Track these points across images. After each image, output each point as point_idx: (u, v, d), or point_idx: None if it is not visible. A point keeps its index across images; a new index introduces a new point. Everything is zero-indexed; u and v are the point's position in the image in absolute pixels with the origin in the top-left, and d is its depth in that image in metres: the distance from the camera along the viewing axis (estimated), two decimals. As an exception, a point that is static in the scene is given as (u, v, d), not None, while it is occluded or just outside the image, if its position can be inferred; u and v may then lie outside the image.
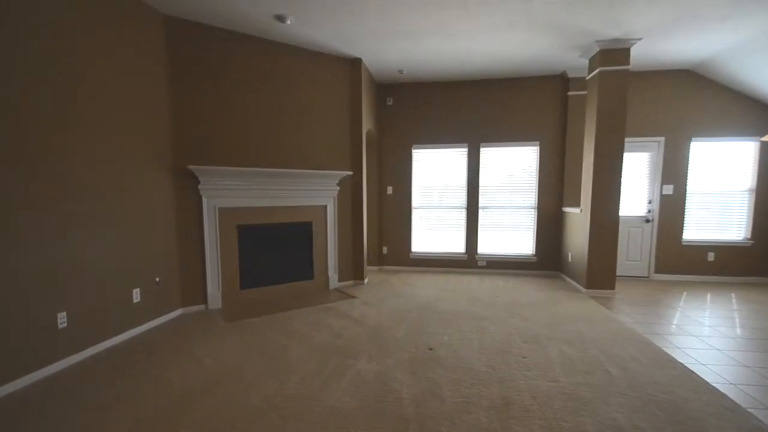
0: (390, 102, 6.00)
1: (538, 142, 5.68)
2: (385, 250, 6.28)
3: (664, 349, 3.07)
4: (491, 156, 5.85)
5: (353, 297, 4.59)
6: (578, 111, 5.44)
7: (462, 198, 5.98)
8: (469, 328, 3.52)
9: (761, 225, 5.21)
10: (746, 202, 5.26)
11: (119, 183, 3.26)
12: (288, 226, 4.60)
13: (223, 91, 4.10)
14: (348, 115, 4.99)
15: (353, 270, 5.25)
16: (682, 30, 4.00)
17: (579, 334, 3.36)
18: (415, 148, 6.02)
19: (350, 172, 4.91)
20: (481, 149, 5.83)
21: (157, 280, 3.69)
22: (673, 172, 5.37)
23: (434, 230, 6.19)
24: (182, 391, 2.46)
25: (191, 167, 3.84)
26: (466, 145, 5.86)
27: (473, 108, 5.81)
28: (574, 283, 5.06)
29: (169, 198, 3.84)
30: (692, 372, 2.65)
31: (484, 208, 5.94)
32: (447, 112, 5.87)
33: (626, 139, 5.16)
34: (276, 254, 4.58)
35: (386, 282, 5.39)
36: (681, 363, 2.80)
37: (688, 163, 5.33)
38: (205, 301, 4.14)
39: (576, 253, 5.04)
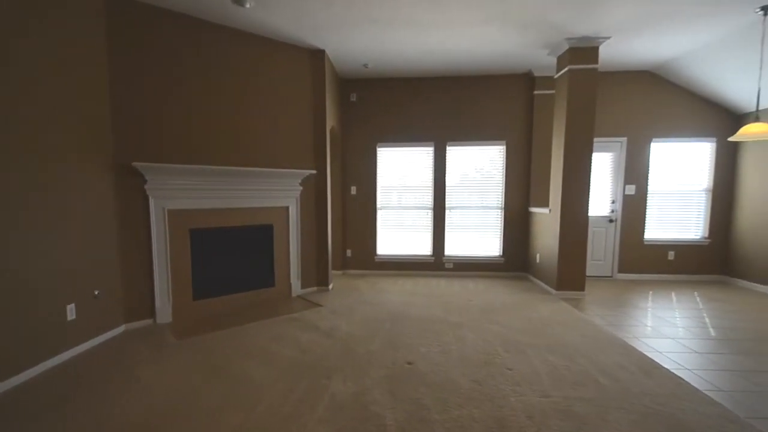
0: (354, 98, 5.65)
1: (504, 142, 5.57)
2: (349, 253, 5.92)
3: (647, 353, 2.96)
4: (457, 155, 5.67)
5: (319, 305, 4.19)
6: (544, 110, 5.38)
7: (428, 198, 5.75)
8: (447, 338, 3.25)
9: (717, 224, 5.41)
10: (703, 201, 5.45)
11: (45, 182, 2.68)
12: (247, 230, 4.13)
13: (173, 80, 3.59)
14: (311, 110, 4.59)
15: (317, 275, 4.85)
16: (648, 30, 4.00)
17: (560, 341, 3.19)
18: (380, 147, 5.72)
19: (314, 171, 4.51)
20: (448, 148, 5.64)
21: (96, 293, 3.12)
22: (635, 173, 5.46)
23: (400, 232, 5.91)
24: (125, 427, 1.97)
25: (136, 164, 3.30)
26: (432, 144, 5.63)
27: (439, 106, 5.60)
28: (544, 285, 4.98)
29: (110, 199, 3.27)
30: (680, 379, 2.54)
31: (450, 208, 5.75)
32: (413, 109, 5.62)
33: (593, 139, 5.17)
34: (234, 260, 4.08)
35: (352, 287, 5.03)
36: (667, 369, 2.68)
37: (648, 164, 5.44)
38: (152, 315, 3.58)
39: (545, 254, 4.96)
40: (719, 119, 5.30)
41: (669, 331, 3.46)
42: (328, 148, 4.78)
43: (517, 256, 5.71)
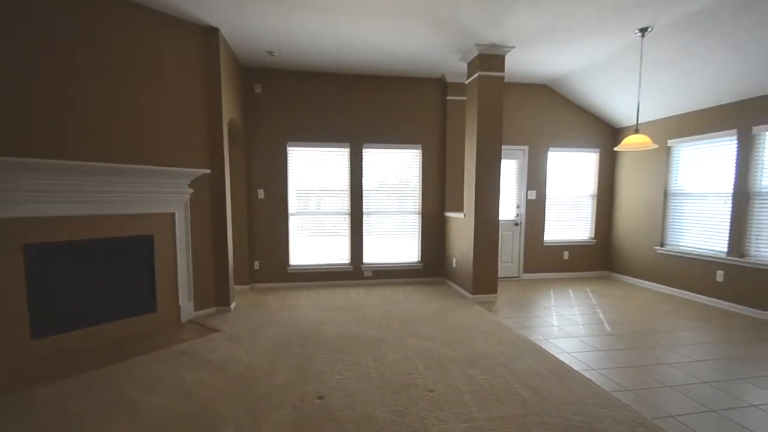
0: (259, 90, 5.08)
1: (420, 146, 5.51)
2: (257, 264, 5.30)
3: (558, 355, 3.02)
4: (374, 158, 5.46)
5: (215, 331, 3.56)
6: (456, 116, 5.45)
7: (345, 203, 5.43)
8: (364, 359, 2.94)
9: (601, 226, 6.03)
10: (590, 205, 6.04)
11: None
12: (119, 242, 3.32)
13: (20, 50, 2.68)
14: (203, 98, 3.93)
15: (215, 293, 4.18)
16: (546, 44, 4.22)
17: (479, 351, 3.10)
18: (291, 146, 5.23)
19: (207, 171, 3.85)
20: (364, 150, 5.39)
21: None
22: (535, 179, 5.82)
23: (315, 239, 5.49)
24: None
25: None
26: (348, 145, 5.33)
27: (356, 105, 5.33)
28: (460, 290, 4.99)
29: None
30: (591, 381, 2.58)
31: (368, 213, 5.51)
32: (327, 107, 5.26)
33: (500, 146, 5.37)
34: (99, 282, 3.24)
35: (260, 305, 4.45)
36: (577, 372, 2.73)
37: (546, 171, 5.84)
38: (-46, 367, 2.62)
39: (460, 258, 4.98)
40: (602, 132, 5.92)
41: (572, 330, 3.63)
42: (226, 145, 4.17)
43: (434, 261, 5.68)
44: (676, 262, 4.88)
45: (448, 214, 5.40)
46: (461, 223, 4.95)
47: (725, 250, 4.31)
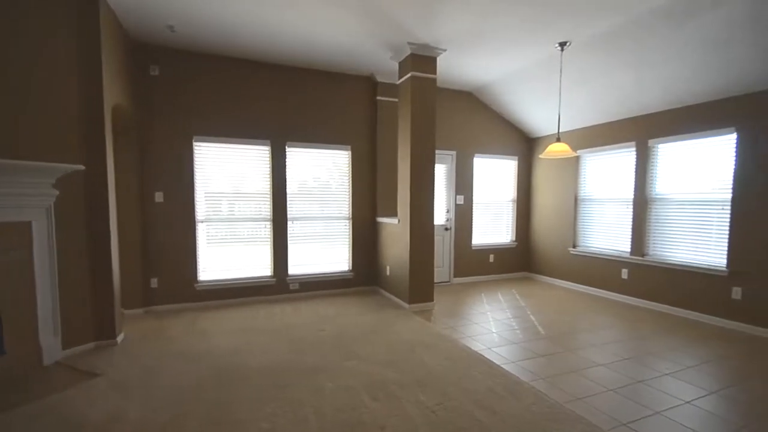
0: (156, 72, 4.23)
1: (349, 147, 5.16)
2: (155, 282, 4.39)
3: (505, 367, 2.90)
4: (299, 158, 4.95)
5: (93, 375, 2.74)
6: (387, 117, 5.21)
7: (266, 208, 4.81)
8: (299, 394, 2.46)
9: (521, 229, 6.32)
10: (511, 210, 6.29)
11: None
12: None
13: None
14: (76, 75, 3.06)
15: (95, 324, 3.28)
16: (474, 50, 4.22)
17: (426, 370, 2.84)
18: (199, 141, 4.47)
19: (80, 167, 2.99)
20: (288, 149, 4.85)
21: None
22: (463, 184, 5.87)
23: (231, 250, 4.76)
24: None
25: None
26: (269, 142, 4.74)
27: (278, 99, 4.77)
28: (396, 299, 4.74)
29: None
30: (544, 395, 2.48)
31: (293, 219, 4.97)
32: (245, 99, 4.61)
33: (431, 150, 5.27)
34: None
35: (159, 334, 3.64)
36: (528, 384, 2.62)
37: (473, 176, 5.93)
38: None
39: (395, 266, 4.74)
40: (520, 140, 6.23)
41: (511, 336, 3.59)
42: (110, 136, 3.33)
43: (366, 270, 5.34)
44: (588, 262, 5.28)
45: (381, 220, 5.13)
46: (395, 229, 4.71)
47: (628, 250, 4.74)
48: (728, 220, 3.78)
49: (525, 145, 6.27)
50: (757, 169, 3.58)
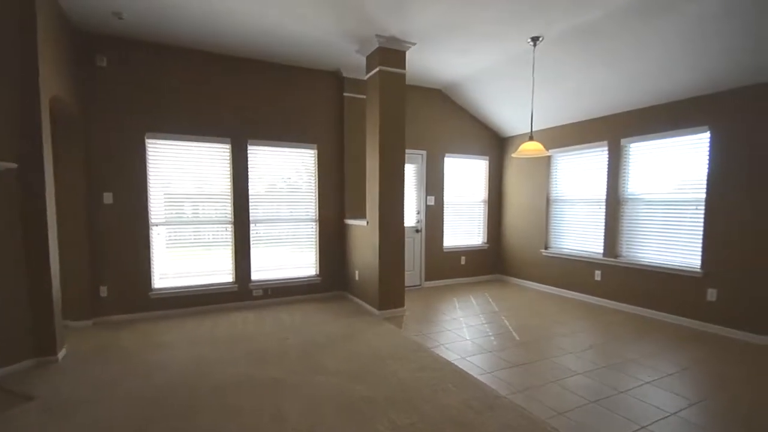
0: (103, 63, 3.86)
1: (315, 146, 4.91)
2: (104, 291, 4.01)
3: (480, 378, 2.75)
4: (263, 157, 4.66)
5: (27, 398, 2.39)
6: (354, 115, 4.99)
7: (227, 210, 4.50)
8: (260, 416, 2.21)
9: (493, 231, 6.26)
10: (482, 211, 6.22)
11: None
12: None
13: None
14: (7, 61, 2.70)
15: (33, 339, 2.90)
16: (444, 45, 4.08)
17: (398, 384, 2.65)
18: (152, 138, 4.11)
19: (12, 165, 2.64)
20: (250, 148, 4.55)
21: None
22: (434, 185, 5.73)
23: (188, 255, 4.43)
24: None
25: None
26: (229, 140, 4.43)
27: (239, 94, 4.46)
28: (365, 305, 4.53)
29: None
30: (523, 410, 2.32)
31: (256, 222, 4.67)
32: (202, 93, 4.28)
33: (403, 150, 5.10)
34: None
35: (107, 348, 3.29)
36: (505, 398, 2.47)
37: (443, 177, 5.82)
38: None
39: (364, 270, 4.53)
40: (491, 140, 6.17)
41: (485, 343, 3.46)
42: (48, 131, 2.96)
43: (334, 274, 5.11)
44: (560, 263, 5.27)
45: (349, 222, 4.92)
46: (364, 232, 4.51)
47: (601, 251, 4.75)
48: (702, 220, 3.80)
49: (496, 145, 6.21)
50: (730, 168, 3.60)
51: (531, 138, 4.06)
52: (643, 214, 4.34)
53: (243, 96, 4.48)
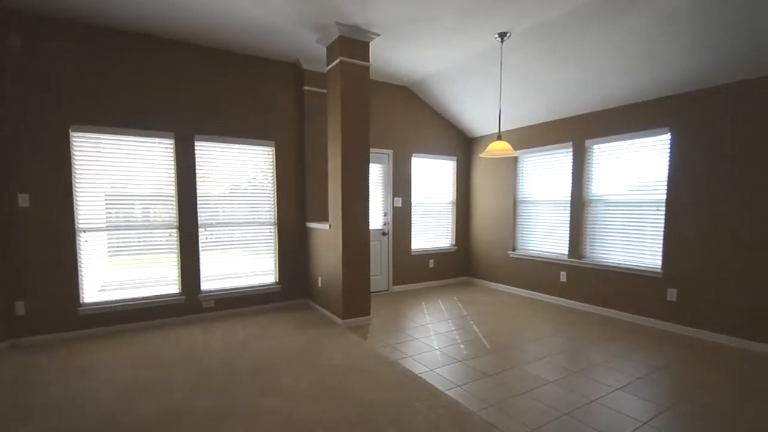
0: (17, 43, 3.32)
1: (273, 142, 4.55)
2: (20, 307, 3.45)
3: (450, 393, 2.53)
4: (213, 155, 4.25)
5: None
6: (315, 110, 4.66)
7: (171, 213, 4.05)
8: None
9: (461, 233, 6.13)
10: (450, 213, 6.08)
11: None
12: None
13: None
14: None
15: None
16: (410, 38, 3.88)
17: (361, 403, 2.38)
18: (78, 131, 3.60)
19: None
20: (198, 144, 4.13)
21: None
22: (401, 185, 5.52)
23: (126, 265, 3.93)
24: None
25: None
26: (173, 135, 3.98)
27: (185, 84, 4.03)
28: (329, 314, 4.22)
29: None
30: (495, 428, 2.13)
31: (206, 226, 4.25)
32: (140, 82, 3.81)
33: (367, 148, 4.84)
34: None
35: (23, 374, 2.78)
36: (476, 414, 2.26)
37: (411, 177, 5.62)
38: None
39: (327, 276, 4.23)
40: (459, 140, 6.05)
41: (455, 352, 3.26)
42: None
43: (295, 282, 4.75)
44: (527, 265, 5.20)
45: (311, 225, 4.59)
46: (326, 236, 4.20)
47: (566, 252, 4.71)
48: (663, 220, 3.82)
49: (464, 146, 6.10)
50: (689, 169, 3.63)
51: (499, 138, 3.92)
52: (607, 215, 4.33)
53: (190, 87, 4.05)
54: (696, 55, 3.24)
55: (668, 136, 3.77)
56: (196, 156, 4.12)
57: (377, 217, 5.36)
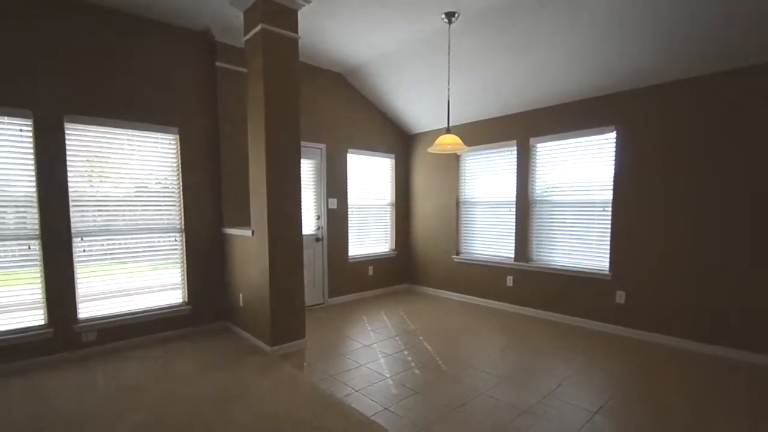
0: None
1: (176, 129, 3.66)
2: None
3: (412, 441, 2.03)
4: (94, 142, 3.25)
5: None
6: (231, 91, 3.87)
7: (28, 219, 2.98)
8: None
9: (401, 236, 5.70)
10: (390, 215, 5.62)
11: None
12: None
13: None
14: None
15: None
16: (348, 11, 3.35)
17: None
18: None
19: None
20: (68, 126, 3.12)
21: None
22: (336, 185, 4.92)
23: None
24: None
25: None
26: (30, 113, 2.94)
27: (49, 48, 3.01)
28: (253, 339, 3.47)
29: None
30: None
31: (83, 235, 3.24)
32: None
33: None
34: None
35: None
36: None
37: (347, 176, 5.05)
38: None
39: (251, 294, 3.48)
40: (398, 136, 5.61)
41: (410, 380, 2.76)
42: None
43: (210, 300, 3.89)
44: (472, 270, 4.93)
45: (229, 231, 3.78)
46: (249, 243, 3.45)
47: (512, 255, 4.51)
48: (609, 221, 3.74)
49: (403, 142, 5.69)
50: (634, 169, 3.57)
51: (448, 131, 3.52)
52: (554, 217, 4.20)
53: (56, 50, 3.03)
54: (639, 52, 3.17)
55: (614, 134, 3.70)
56: (68, 143, 3.10)
57: (310, 221, 4.69)
